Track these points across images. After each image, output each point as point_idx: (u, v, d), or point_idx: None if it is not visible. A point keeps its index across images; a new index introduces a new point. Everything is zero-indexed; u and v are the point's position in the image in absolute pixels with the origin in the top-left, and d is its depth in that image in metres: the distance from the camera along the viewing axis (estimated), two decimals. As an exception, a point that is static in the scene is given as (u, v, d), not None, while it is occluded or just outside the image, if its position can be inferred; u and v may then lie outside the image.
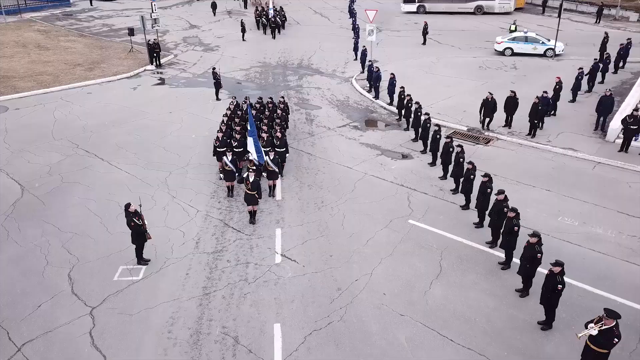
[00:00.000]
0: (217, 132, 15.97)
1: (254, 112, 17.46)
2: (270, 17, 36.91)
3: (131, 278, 11.31)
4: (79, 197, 14.70)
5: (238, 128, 16.28)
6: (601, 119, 19.10)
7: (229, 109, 18.25)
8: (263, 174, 14.79)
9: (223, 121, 16.83)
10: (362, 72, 27.06)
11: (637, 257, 11.99)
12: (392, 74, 22.31)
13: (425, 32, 33.14)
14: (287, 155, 15.99)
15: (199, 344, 9.55)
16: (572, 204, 14.33)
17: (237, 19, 40.83)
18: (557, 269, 9.25)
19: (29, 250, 12.28)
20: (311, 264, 11.81)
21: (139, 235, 11.43)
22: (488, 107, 18.95)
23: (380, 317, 10.18)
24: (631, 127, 17.07)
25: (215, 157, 15.76)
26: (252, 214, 13.48)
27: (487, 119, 19.33)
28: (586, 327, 8.19)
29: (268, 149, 14.99)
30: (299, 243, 12.63)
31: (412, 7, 44.06)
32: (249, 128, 15.54)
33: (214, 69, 23.66)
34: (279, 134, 15.76)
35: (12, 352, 9.33)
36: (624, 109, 19.07)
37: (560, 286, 9.23)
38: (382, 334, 9.78)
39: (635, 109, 17.95)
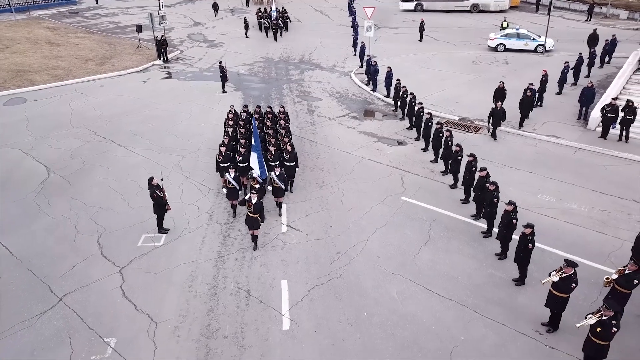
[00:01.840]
0: (220, 146, 14.99)
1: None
2: (272, 19, 36.50)
3: (153, 244, 12.71)
4: (101, 177, 16.07)
5: (243, 141, 14.99)
6: (583, 109, 20.48)
7: (228, 118, 17.50)
8: (268, 187, 14.27)
9: (227, 132, 16.29)
10: (361, 66, 28.33)
11: (606, 228, 13.37)
12: (389, 67, 23.66)
13: (421, 29, 34.43)
14: (296, 169, 15.10)
15: (216, 296, 10.93)
16: (552, 184, 15.69)
17: (239, 16, 42.16)
18: (528, 230, 10.61)
19: (60, 221, 13.66)
20: (313, 233, 13.19)
21: (160, 207, 12.80)
22: (496, 115, 18.86)
23: (375, 275, 11.57)
24: (609, 115, 18.44)
25: (218, 172, 15.19)
26: (254, 238, 12.51)
27: (495, 127, 19.05)
28: (549, 276, 9.54)
29: (276, 164, 14.31)
30: (302, 216, 14.00)
31: (410, 5, 45.26)
32: (253, 143, 14.41)
33: (220, 62, 24.94)
34: (289, 147, 14.69)
35: (55, 301, 10.73)
36: (605, 100, 20.37)
37: (530, 245, 10.60)
38: (376, 288, 11.16)
39: (614, 99, 19.34)
